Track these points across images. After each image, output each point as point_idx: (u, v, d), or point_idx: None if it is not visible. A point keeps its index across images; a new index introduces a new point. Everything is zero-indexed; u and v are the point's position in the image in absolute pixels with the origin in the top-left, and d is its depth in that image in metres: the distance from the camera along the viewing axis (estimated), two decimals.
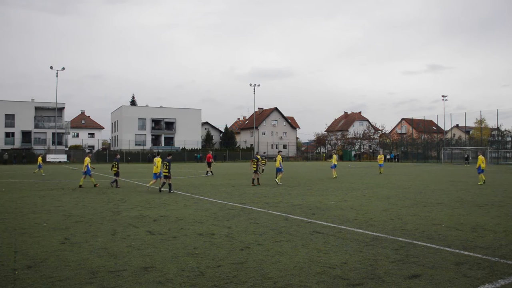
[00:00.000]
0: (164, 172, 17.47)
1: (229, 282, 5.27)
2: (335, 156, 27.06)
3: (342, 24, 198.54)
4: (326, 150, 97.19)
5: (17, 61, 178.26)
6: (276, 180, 21.48)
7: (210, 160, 30.37)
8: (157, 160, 18.29)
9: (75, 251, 6.93)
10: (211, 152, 35.08)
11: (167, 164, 17.45)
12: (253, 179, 20.82)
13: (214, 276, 5.52)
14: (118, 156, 21.90)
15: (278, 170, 21.76)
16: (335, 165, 26.52)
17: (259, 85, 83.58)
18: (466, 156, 60.66)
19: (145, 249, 7.01)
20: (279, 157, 22.36)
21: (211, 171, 30.02)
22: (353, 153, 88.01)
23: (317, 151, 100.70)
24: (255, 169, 20.87)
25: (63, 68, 65.54)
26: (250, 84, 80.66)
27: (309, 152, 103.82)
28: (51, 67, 64.57)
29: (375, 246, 7.22)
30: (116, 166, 19.84)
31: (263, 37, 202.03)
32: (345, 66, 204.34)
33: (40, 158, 33.00)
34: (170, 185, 17.22)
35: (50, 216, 10.79)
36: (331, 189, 18.40)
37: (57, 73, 65.79)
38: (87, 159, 20.08)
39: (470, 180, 23.89)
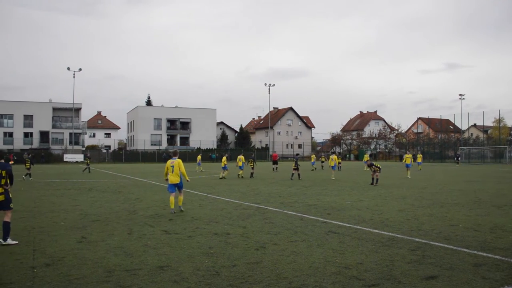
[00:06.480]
0: (250, 164, 27.19)
1: (244, 282, 5.28)
2: (313, 156, 26.66)
3: (357, 23, 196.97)
4: (341, 150, 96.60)
5: (37, 62, 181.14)
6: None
7: (277, 158, 36.95)
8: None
9: (92, 249, 7.02)
10: (275, 151, 48.25)
11: (252, 160, 27.46)
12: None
13: (229, 276, 5.53)
14: (253, 155, 29.22)
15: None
16: (313, 163, 26.62)
17: (274, 84, 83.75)
18: (457, 156, 55.59)
19: (160, 248, 7.06)
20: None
21: (276, 167, 34.87)
22: (368, 152, 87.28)
23: (332, 151, 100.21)
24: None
25: (80, 69, 66.71)
26: (265, 84, 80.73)
27: (324, 151, 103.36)
28: (68, 68, 65.67)
29: (391, 246, 7.15)
30: (253, 162, 27.20)
31: (278, 37, 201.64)
32: (361, 65, 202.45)
33: (199, 156, 36.00)
34: (251, 173, 26.45)
35: (67, 215, 10.96)
36: (347, 189, 18.28)
37: (74, 74, 66.87)
38: (225, 158, 25.86)
39: (488, 180, 23.48)
